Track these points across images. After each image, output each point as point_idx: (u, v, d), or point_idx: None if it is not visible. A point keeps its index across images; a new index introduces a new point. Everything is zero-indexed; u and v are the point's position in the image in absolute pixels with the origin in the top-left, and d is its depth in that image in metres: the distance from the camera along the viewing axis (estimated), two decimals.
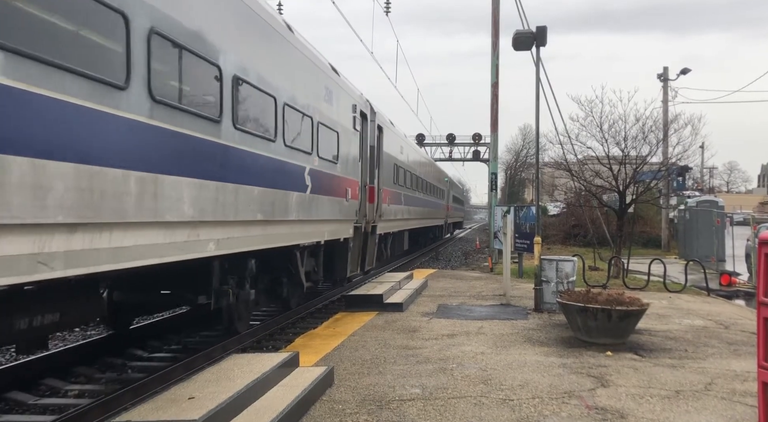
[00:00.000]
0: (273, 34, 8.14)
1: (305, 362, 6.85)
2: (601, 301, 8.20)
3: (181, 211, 5.78)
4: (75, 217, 4.40)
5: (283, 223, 8.51)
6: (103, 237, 4.77)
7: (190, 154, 5.99)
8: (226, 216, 6.68)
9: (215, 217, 6.44)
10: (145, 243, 5.32)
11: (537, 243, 11.63)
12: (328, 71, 10.68)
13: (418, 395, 5.91)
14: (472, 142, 48.40)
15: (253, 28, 7.54)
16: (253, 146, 7.38)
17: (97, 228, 4.68)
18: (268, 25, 7.97)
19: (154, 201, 5.33)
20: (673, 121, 19.96)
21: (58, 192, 4.22)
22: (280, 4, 20.05)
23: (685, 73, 30.12)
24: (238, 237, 7.14)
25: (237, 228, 7.07)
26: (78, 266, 4.50)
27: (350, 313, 10.70)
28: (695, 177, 45.71)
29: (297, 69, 9.08)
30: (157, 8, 5.39)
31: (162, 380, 6.50)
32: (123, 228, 4.98)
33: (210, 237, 6.43)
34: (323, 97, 10.23)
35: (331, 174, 10.59)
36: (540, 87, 12.08)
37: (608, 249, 21.01)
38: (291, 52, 8.81)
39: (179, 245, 5.86)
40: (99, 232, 4.71)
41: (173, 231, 5.75)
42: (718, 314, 11.19)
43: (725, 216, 22.87)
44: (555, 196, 32.36)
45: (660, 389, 6.20)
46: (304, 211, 9.18)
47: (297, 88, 8.96)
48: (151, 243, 5.40)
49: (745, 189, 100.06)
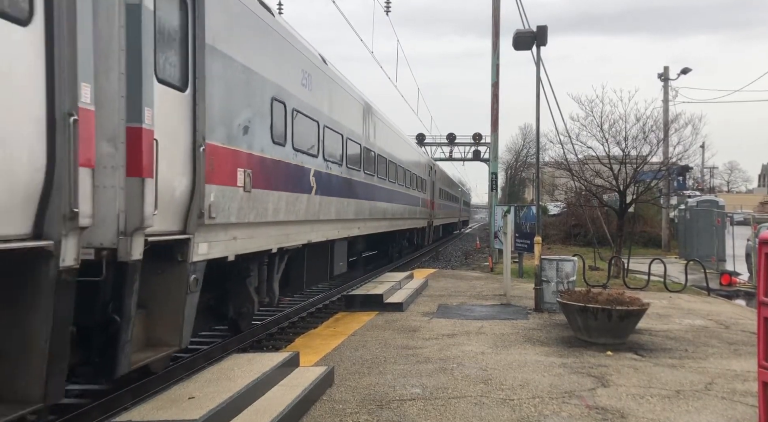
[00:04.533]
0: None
1: (305, 362, 6.85)
2: (602, 301, 8.19)
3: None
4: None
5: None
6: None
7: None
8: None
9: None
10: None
11: (537, 243, 11.62)
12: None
13: (419, 395, 5.91)
14: (473, 141, 48.39)
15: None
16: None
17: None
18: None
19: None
20: (674, 120, 20.02)
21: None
22: (280, 4, 20.05)
23: (686, 72, 30.11)
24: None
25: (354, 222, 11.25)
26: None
27: (350, 313, 10.70)
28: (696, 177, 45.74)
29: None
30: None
31: (162, 380, 6.50)
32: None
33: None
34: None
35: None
36: (540, 86, 12.09)
37: (608, 249, 21.00)
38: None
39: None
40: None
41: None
42: (719, 314, 11.18)
43: (725, 216, 22.84)
44: (555, 195, 32.38)
45: (660, 389, 6.20)
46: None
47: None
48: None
49: (746, 189, 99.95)
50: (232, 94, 6.75)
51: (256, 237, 7.58)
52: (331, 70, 11.06)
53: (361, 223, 13.58)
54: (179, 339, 5.68)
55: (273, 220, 8.02)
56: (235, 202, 6.81)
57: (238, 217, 6.88)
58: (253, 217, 7.34)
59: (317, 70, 10.03)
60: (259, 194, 7.48)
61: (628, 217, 19.25)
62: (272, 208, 7.97)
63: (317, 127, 10.06)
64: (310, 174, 9.65)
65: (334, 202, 11.04)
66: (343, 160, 11.70)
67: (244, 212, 7.08)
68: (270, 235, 8.02)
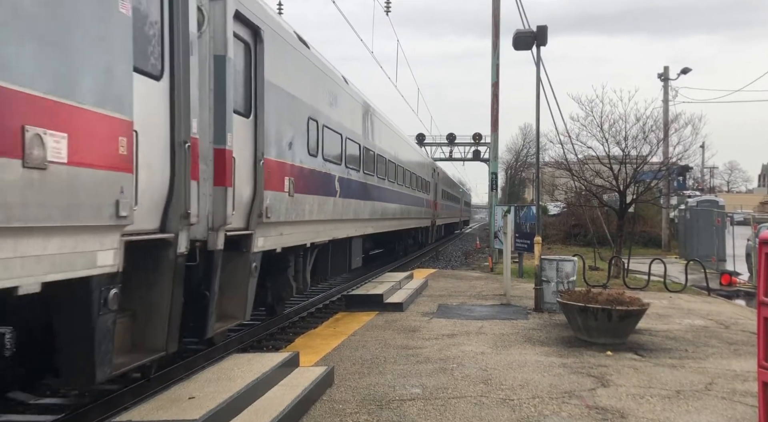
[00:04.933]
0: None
1: (305, 362, 6.85)
2: (602, 301, 8.19)
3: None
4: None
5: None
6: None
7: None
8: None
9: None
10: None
11: (537, 242, 11.62)
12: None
13: (419, 395, 5.91)
14: (473, 141, 48.36)
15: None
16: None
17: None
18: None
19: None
20: (674, 120, 20.03)
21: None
22: (281, 4, 20.05)
23: (686, 72, 30.11)
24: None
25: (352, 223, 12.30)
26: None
27: (350, 313, 10.70)
28: (696, 176, 45.77)
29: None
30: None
31: (162, 380, 6.50)
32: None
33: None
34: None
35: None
36: (540, 86, 12.09)
37: (608, 249, 21.01)
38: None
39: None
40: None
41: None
42: (719, 314, 11.18)
43: (726, 215, 22.85)
44: (555, 195, 32.34)
45: (660, 389, 6.20)
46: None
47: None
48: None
49: (746, 188, 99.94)
50: (281, 116, 8.18)
51: (296, 234, 8.93)
52: (350, 89, 12.45)
53: (375, 223, 14.84)
54: (243, 314, 7.18)
55: (308, 219, 9.42)
56: (283, 205, 8.19)
57: (284, 217, 8.27)
58: (294, 217, 8.69)
59: (340, 90, 11.50)
60: (299, 198, 8.87)
61: (628, 217, 19.25)
62: (308, 209, 9.38)
63: (340, 139, 11.50)
64: (335, 179, 11.03)
65: (353, 203, 12.44)
66: (360, 166, 13.09)
67: (289, 213, 8.43)
68: (305, 232, 9.44)
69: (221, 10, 6.39)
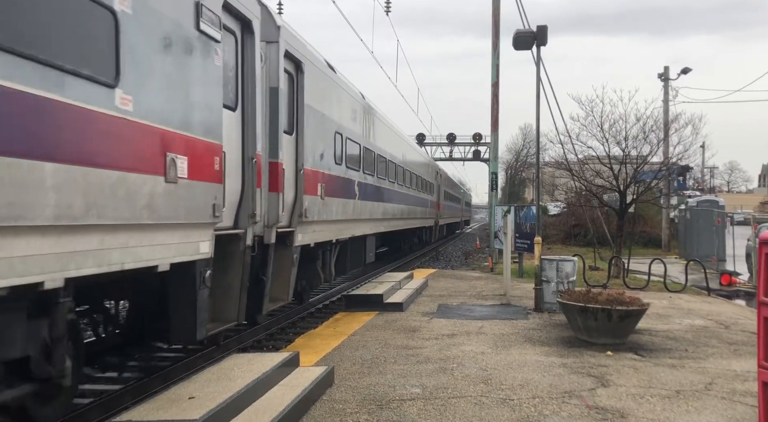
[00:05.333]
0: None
1: (305, 362, 6.85)
2: (602, 301, 8.19)
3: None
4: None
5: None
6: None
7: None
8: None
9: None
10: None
11: (537, 243, 11.62)
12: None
13: (419, 395, 5.91)
14: (473, 141, 48.35)
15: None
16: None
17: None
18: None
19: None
20: (674, 120, 20.01)
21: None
22: (280, 4, 20.05)
23: (686, 72, 30.10)
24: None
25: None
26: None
27: (350, 313, 10.70)
28: (696, 177, 45.80)
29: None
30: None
31: (162, 380, 6.51)
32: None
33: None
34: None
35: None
36: (540, 86, 12.09)
37: (608, 249, 21.00)
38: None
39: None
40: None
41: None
42: (719, 314, 11.18)
43: (726, 215, 22.84)
44: (555, 195, 32.34)
45: (660, 389, 6.20)
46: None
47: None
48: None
49: (746, 189, 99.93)
50: (315, 132, 9.67)
51: (325, 231, 10.45)
52: (366, 103, 13.94)
53: (386, 222, 16.36)
54: (287, 296, 8.82)
55: (334, 219, 10.89)
56: (316, 207, 9.68)
57: (317, 217, 9.77)
58: (324, 217, 10.19)
59: (358, 105, 13.11)
60: (327, 201, 10.34)
61: (628, 217, 19.25)
62: (334, 210, 10.86)
63: (359, 148, 13.06)
64: (355, 184, 12.59)
65: (369, 205, 13.91)
66: (374, 171, 14.64)
67: (320, 213, 9.94)
68: (332, 230, 10.89)
69: (275, 51, 7.98)
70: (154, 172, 4.95)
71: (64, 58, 3.98)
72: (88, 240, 4.27)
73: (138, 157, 4.78)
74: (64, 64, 3.97)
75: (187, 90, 5.52)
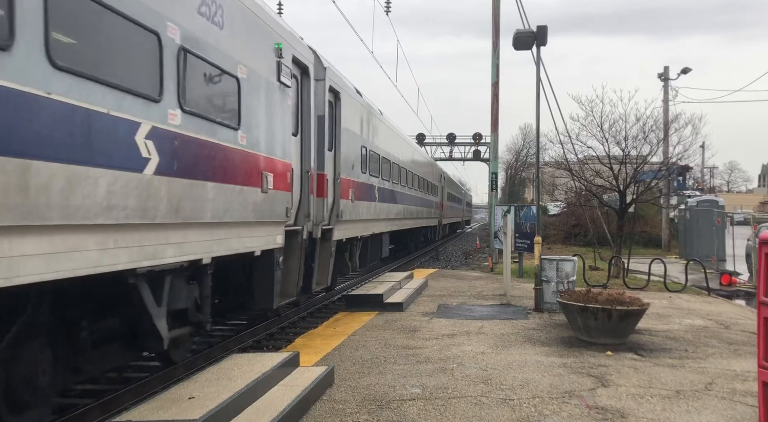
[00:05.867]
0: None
1: (305, 362, 6.85)
2: (602, 301, 8.19)
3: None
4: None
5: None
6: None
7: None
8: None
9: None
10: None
11: (537, 242, 11.62)
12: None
13: (419, 395, 5.91)
14: (473, 141, 48.31)
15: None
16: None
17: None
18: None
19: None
20: (674, 120, 19.99)
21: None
22: (280, 4, 20.06)
23: (686, 72, 30.09)
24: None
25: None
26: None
27: (350, 313, 10.70)
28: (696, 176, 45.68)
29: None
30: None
31: (162, 380, 6.51)
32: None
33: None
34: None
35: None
36: (540, 86, 12.09)
37: (608, 249, 21.00)
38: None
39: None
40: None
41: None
42: (719, 314, 11.18)
43: (726, 215, 22.83)
44: (555, 195, 32.34)
45: (660, 389, 6.20)
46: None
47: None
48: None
49: (746, 188, 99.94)
50: (348, 148, 11.71)
51: (354, 229, 12.48)
52: (383, 118, 16.18)
53: (398, 222, 18.51)
54: (327, 281, 10.75)
55: (360, 219, 12.98)
56: (348, 208, 11.67)
57: (348, 217, 11.74)
58: (354, 217, 12.25)
59: (378, 121, 15.18)
60: (356, 203, 12.41)
61: (628, 217, 19.23)
62: (361, 211, 12.93)
63: (378, 158, 15.07)
64: (375, 189, 14.60)
65: (385, 206, 15.97)
66: (390, 177, 16.72)
67: (351, 214, 11.95)
68: (358, 228, 12.92)
69: (323, 87, 10.06)
70: (256, 185, 7.14)
71: (220, 115, 6.32)
72: (223, 232, 6.45)
73: (248, 175, 6.92)
74: (220, 119, 6.30)
75: (272, 125, 7.70)
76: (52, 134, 3.99)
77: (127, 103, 4.76)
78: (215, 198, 6.08)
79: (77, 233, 4.29)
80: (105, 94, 4.50)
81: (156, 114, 5.15)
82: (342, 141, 11.08)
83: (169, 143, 5.32)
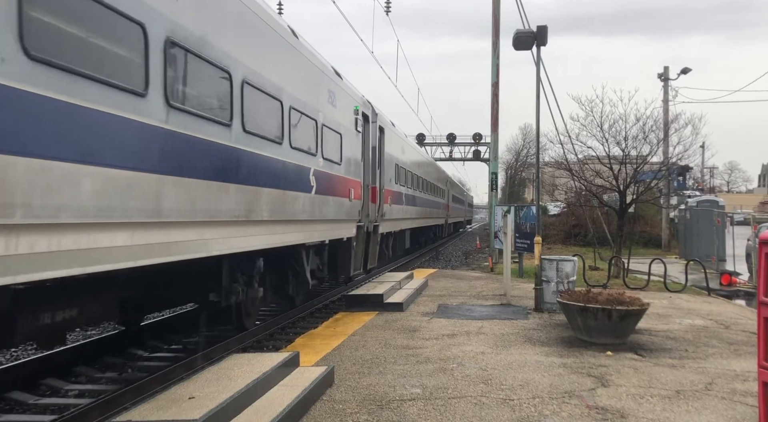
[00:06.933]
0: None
1: (305, 362, 6.85)
2: (602, 301, 8.19)
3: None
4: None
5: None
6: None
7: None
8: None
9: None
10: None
11: (537, 242, 11.62)
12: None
13: (419, 395, 5.91)
14: (473, 141, 48.36)
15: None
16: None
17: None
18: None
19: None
20: (674, 120, 19.98)
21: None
22: (280, 4, 20.05)
23: (686, 72, 30.08)
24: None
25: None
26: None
27: (350, 313, 10.70)
28: (696, 176, 45.68)
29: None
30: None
31: (162, 380, 6.51)
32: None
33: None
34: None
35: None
36: (540, 86, 12.09)
37: (608, 249, 21.01)
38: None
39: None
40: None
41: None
42: (719, 314, 11.18)
43: (726, 215, 22.83)
44: (555, 195, 32.33)
45: (660, 389, 6.20)
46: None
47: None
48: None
49: (746, 188, 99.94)
50: (388, 166, 16.14)
51: (391, 225, 16.89)
52: (409, 140, 22.06)
53: (416, 221, 22.98)
54: (375, 262, 14.59)
55: (394, 218, 17.26)
56: (388, 210, 15.98)
57: (387, 217, 15.99)
58: (390, 217, 16.55)
59: (405, 143, 20.29)
60: (392, 207, 16.94)
61: (628, 217, 19.23)
62: (395, 212, 17.26)
63: (405, 171, 19.43)
64: (403, 195, 18.94)
65: (409, 209, 20.46)
66: (411, 185, 20.97)
67: (389, 214, 16.26)
68: (392, 225, 17.32)
69: (376, 127, 14.55)
70: (346, 196, 11.49)
71: (333, 157, 10.72)
72: (334, 225, 10.91)
73: (344, 191, 11.34)
74: (334, 159, 10.74)
75: (351, 157, 11.96)
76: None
77: (307, 159, 9.36)
78: (332, 205, 10.60)
79: (290, 225, 8.75)
80: (302, 159, 9.12)
81: (313, 162, 9.62)
82: (384, 162, 15.55)
83: (315, 176, 9.68)
